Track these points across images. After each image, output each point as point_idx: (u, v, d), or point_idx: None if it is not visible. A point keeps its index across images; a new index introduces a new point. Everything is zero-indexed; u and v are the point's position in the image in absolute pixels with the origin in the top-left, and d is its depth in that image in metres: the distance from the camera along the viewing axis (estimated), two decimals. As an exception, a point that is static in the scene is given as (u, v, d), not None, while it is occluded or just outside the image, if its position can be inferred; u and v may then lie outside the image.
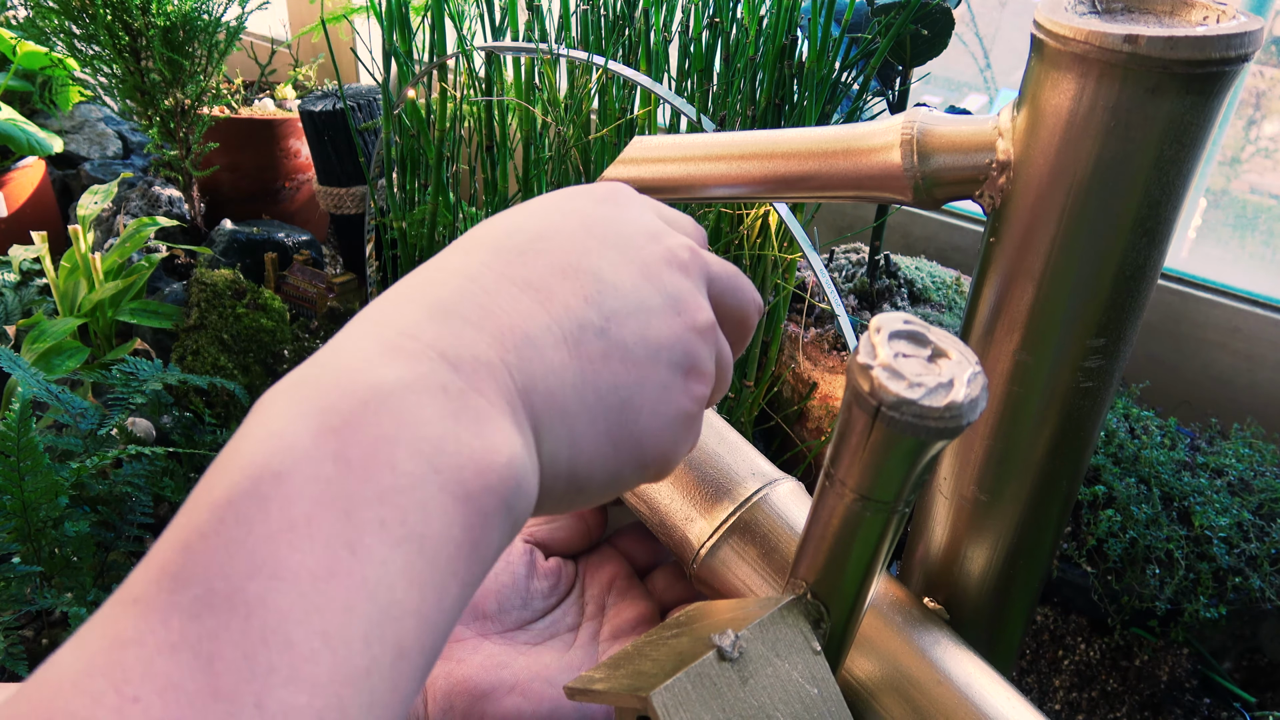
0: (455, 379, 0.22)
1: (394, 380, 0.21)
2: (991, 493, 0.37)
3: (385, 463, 0.20)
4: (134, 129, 1.71)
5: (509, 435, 0.22)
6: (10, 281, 1.22)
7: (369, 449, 0.20)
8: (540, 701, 0.34)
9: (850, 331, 0.75)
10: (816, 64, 0.77)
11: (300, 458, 0.19)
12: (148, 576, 0.18)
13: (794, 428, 0.95)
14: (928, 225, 1.14)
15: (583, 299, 0.26)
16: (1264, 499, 0.78)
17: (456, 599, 0.21)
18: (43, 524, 0.79)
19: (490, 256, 0.26)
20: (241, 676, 0.17)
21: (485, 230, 0.27)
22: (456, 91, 1.01)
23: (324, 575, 0.18)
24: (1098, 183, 0.30)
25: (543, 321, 0.25)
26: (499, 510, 0.22)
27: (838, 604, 0.29)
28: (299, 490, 0.19)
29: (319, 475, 0.19)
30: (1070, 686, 0.82)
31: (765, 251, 0.82)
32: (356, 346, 0.22)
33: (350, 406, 0.20)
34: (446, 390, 0.22)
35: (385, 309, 0.24)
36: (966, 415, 0.23)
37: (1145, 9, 0.31)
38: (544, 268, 0.26)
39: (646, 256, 0.28)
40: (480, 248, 0.26)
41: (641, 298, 0.27)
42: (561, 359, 0.25)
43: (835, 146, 0.36)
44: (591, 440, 0.26)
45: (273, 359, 1.17)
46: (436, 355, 0.22)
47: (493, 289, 0.25)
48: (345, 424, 0.20)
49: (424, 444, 0.21)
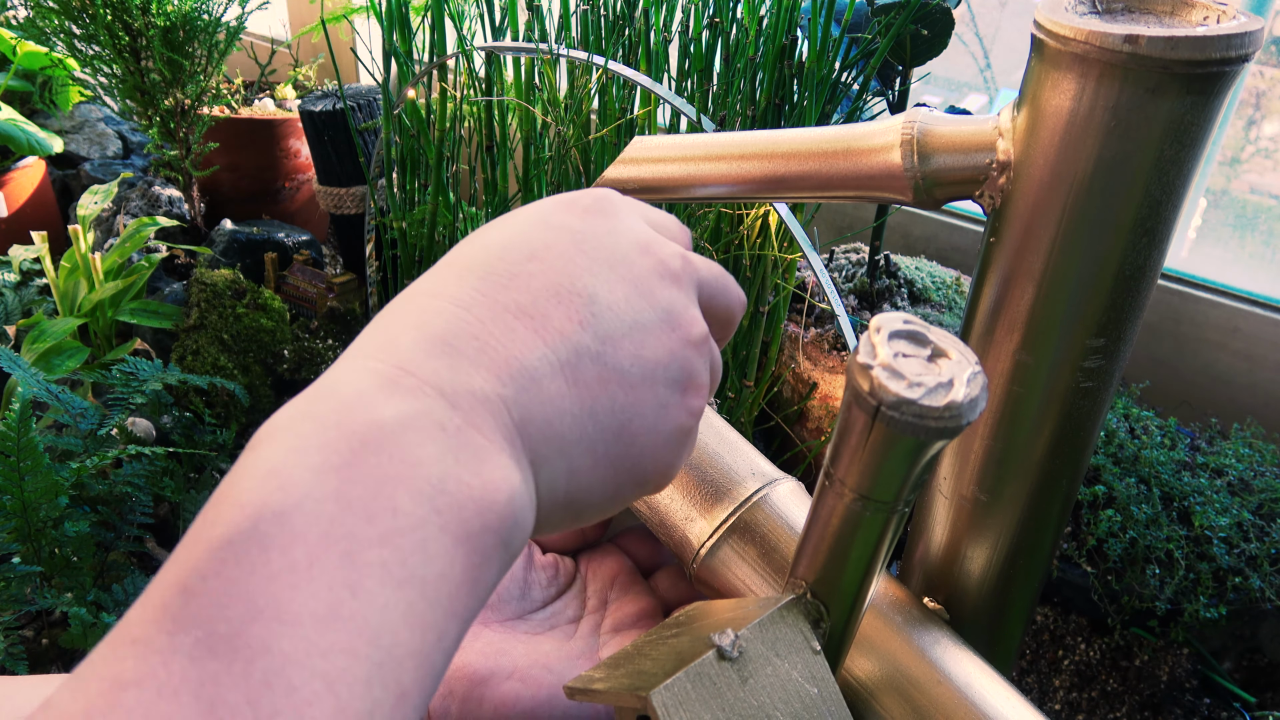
0: (453, 416, 0.22)
1: (393, 418, 0.21)
2: (991, 493, 0.37)
3: (387, 504, 0.20)
4: (134, 129, 1.71)
5: (508, 472, 0.22)
6: (10, 281, 1.22)
7: (370, 489, 0.20)
8: (539, 688, 0.34)
9: (850, 331, 0.75)
10: (816, 64, 0.77)
11: (301, 497, 0.19)
12: (146, 616, 0.18)
13: (794, 428, 0.95)
14: (928, 225, 1.14)
15: (577, 323, 0.26)
16: (1264, 499, 0.78)
17: (455, 636, 0.21)
18: (43, 524, 0.79)
19: (482, 282, 0.25)
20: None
21: (475, 250, 0.27)
22: (456, 91, 1.01)
23: (326, 618, 0.18)
24: (1098, 183, 0.30)
25: (539, 351, 0.25)
26: (497, 547, 0.22)
27: (837, 604, 0.29)
28: (300, 531, 0.19)
29: (321, 515, 0.19)
30: (1070, 686, 0.82)
31: (765, 251, 0.82)
32: (354, 380, 0.22)
33: (351, 445, 0.20)
34: (444, 428, 0.22)
35: (380, 339, 0.24)
36: (966, 415, 0.23)
37: (1145, 9, 0.31)
38: (537, 291, 0.26)
39: (639, 271, 0.28)
40: (471, 272, 0.26)
41: (636, 315, 0.27)
42: (559, 388, 0.25)
43: (835, 146, 0.36)
44: (589, 467, 0.26)
45: (273, 359, 1.17)
46: (434, 391, 0.22)
47: (487, 319, 0.24)
48: (346, 463, 0.20)
49: (424, 484, 0.21)
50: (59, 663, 0.85)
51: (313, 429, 0.21)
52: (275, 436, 0.21)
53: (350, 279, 1.27)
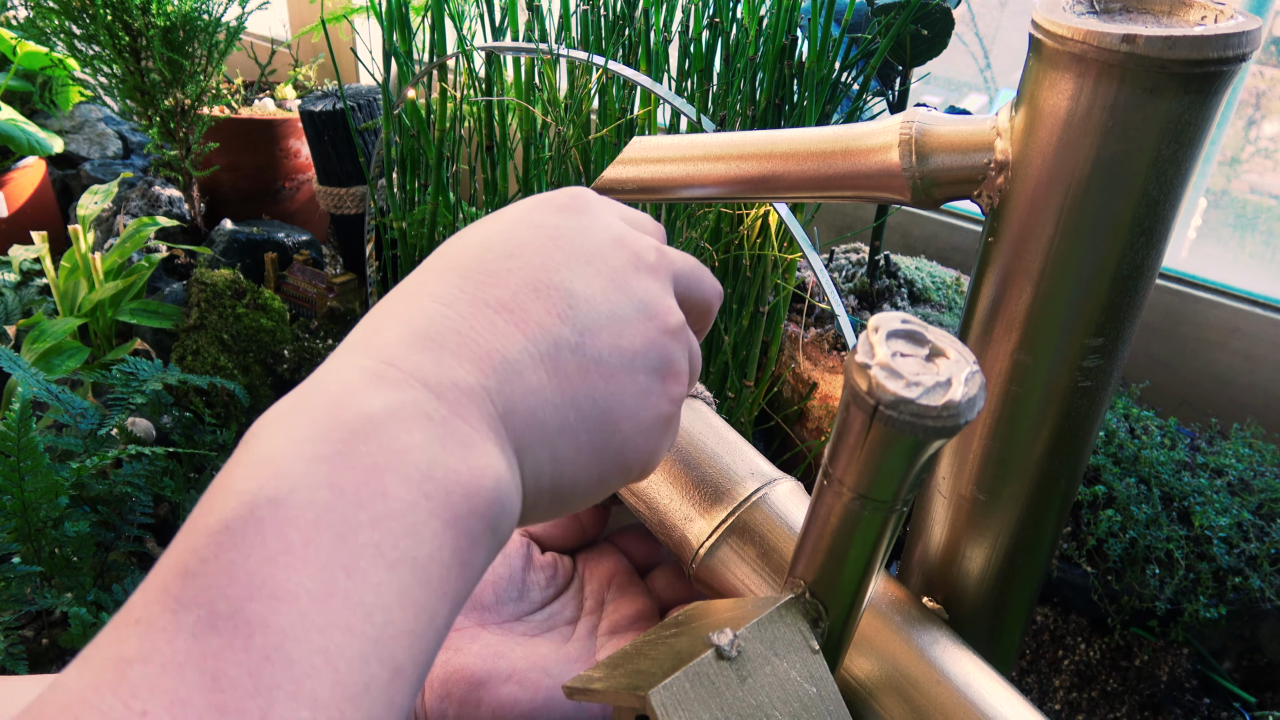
0: (439, 406, 0.23)
1: (381, 409, 0.22)
2: (990, 492, 0.37)
3: (377, 489, 0.21)
4: (134, 129, 1.71)
5: (493, 459, 0.23)
6: (10, 281, 1.22)
7: (361, 476, 0.21)
8: (536, 690, 0.34)
9: (850, 331, 0.75)
10: (816, 64, 0.77)
11: (296, 484, 0.20)
12: (148, 599, 0.19)
13: (794, 428, 0.95)
14: (928, 225, 1.14)
15: (556, 316, 0.26)
16: (1264, 499, 0.78)
17: (447, 617, 0.22)
18: (43, 524, 0.79)
19: (462, 280, 0.26)
20: (246, 692, 0.17)
21: (455, 250, 0.28)
22: (456, 91, 1.01)
23: (322, 596, 0.19)
24: (1096, 182, 0.30)
25: (519, 343, 0.25)
26: (485, 532, 0.23)
27: (836, 603, 0.29)
28: (295, 515, 0.19)
29: (314, 501, 0.20)
30: (1070, 686, 0.82)
31: (765, 251, 0.82)
32: (342, 376, 0.23)
33: (341, 435, 0.21)
34: (431, 418, 0.22)
35: (367, 337, 0.25)
36: (964, 414, 0.23)
37: (1143, 9, 0.31)
38: (515, 286, 0.26)
39: (614, 264, 0.28)
40: (452, 271, 0.27)
41: (613, 307, 0.28)
42: (540, 379, 0.25)
43: (834, 146, 0.36)
44: (573, 454, 0.26)
45: (273, 359, 1.17)
46: (419, 384, 0.23)
47: (468, 314, 0.25)
48: (337, 452, 0.21)
49: (413, 471, 0.21)
50: (59, 663, 0.85)
51: (304, 422, 0.21)
52: (269, 430, 0.21)
53: (350, 279, 1.27)
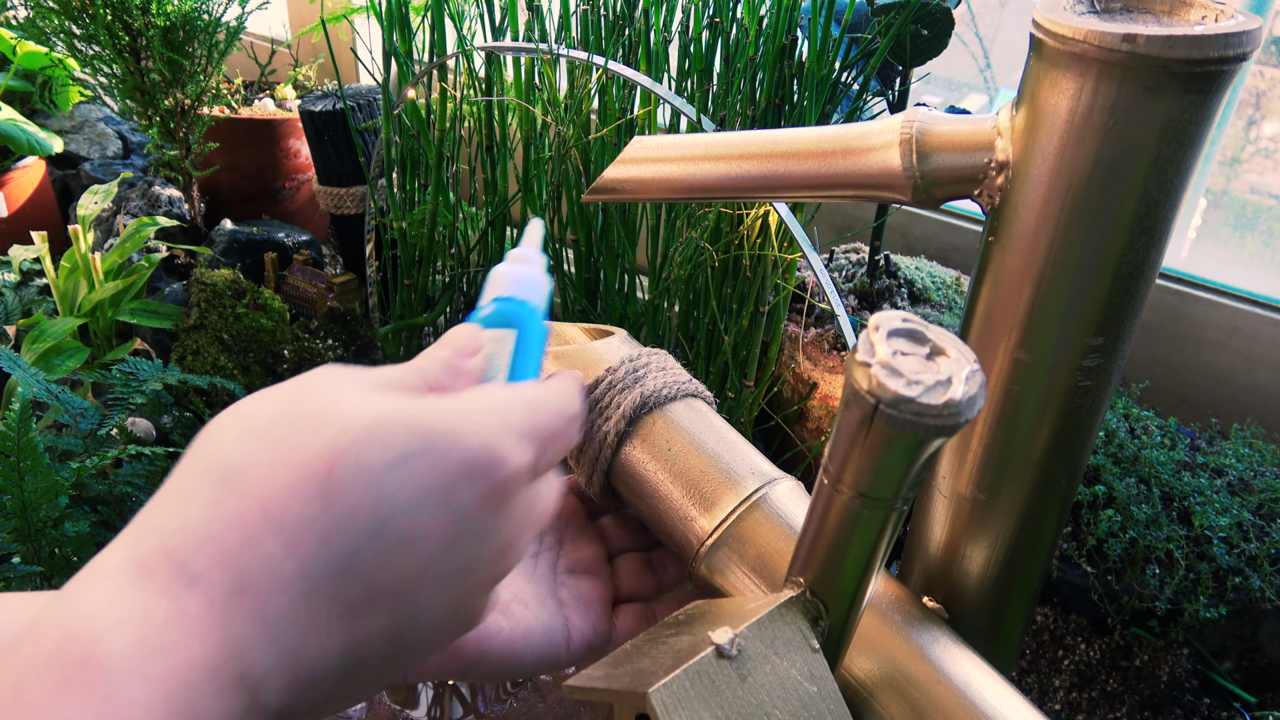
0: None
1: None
2: (990, 492, 0.37)
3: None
4: (134, 129, 1.71)
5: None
6: (10, 281, 1.22)
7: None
8: (517, 621, 0.36)
9: (850, 331, 0.75)
10: (816, 64, 0.77)
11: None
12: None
13: (794, 428, 0.95)
14: (928, 225, 1.14)
15: (384, 639, 0.25)
16: (1264, 499, 0.78)
17: None
18: (43, 524, 0.79)
19: (320, 569, 0.24)
20: None
21: (327, 517, 0.24)
22: (456, 91, 1.01)
23: None
24: (1096, 182, 0.30)
25: (335, 650, 0.24)
26: None
27: (836, 602, 0.29)
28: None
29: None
30: (1070, 686, 0.82)
31: (765, 251, 0.82)
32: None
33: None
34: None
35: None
36: (964, 413, 0.23)
37: (1144, 8, 0.31)
38: (367, 592, 0.24)
39: (480, 579, 0.27)
40: (306, 545, 0.24)
41: (447, 610, 0.27)
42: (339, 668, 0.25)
43: (835, 146, 0.36)
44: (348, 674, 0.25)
45: (273, 359, 1.17)
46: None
47: (306, 623, 0.24)
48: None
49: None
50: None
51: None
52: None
53: (350, 279, 1.27)
